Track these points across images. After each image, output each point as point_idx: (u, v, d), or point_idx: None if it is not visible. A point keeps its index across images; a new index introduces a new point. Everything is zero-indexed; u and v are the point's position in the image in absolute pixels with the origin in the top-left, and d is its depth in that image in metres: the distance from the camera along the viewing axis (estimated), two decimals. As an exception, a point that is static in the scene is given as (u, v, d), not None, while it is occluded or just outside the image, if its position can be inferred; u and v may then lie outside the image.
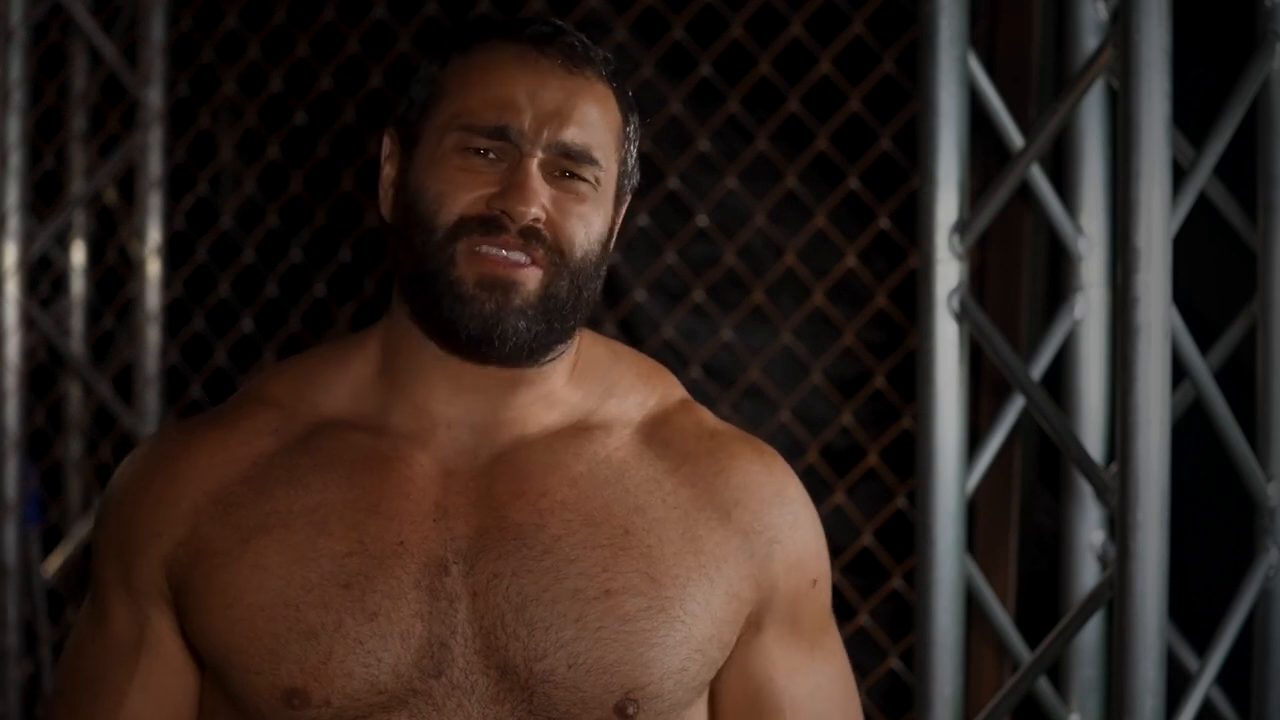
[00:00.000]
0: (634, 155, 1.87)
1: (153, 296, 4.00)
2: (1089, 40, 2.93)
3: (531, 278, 1.75)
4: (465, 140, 1.76)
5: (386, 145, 1.83)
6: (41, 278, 4.18)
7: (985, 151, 3.06)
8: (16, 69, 3.90)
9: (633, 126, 1.86)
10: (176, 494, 1.81)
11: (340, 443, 1.81)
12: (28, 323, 3.93)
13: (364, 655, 1.75)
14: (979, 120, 2.85)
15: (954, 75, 2.76)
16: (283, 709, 1.75)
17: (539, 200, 1.74)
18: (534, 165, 1.76)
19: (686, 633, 1.79)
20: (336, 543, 1.77)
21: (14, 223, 3.89)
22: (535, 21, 1.84)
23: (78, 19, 3.99)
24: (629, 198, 1.88)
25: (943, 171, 2.77)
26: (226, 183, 4.03)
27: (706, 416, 1.89)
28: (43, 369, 4.14)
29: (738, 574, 1.82)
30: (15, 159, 3.90)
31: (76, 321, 4.16)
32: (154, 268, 4.00)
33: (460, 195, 1.75)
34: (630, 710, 1.77)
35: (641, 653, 1.77)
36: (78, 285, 4.16)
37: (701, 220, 3.42)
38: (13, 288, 3.90)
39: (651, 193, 3.46)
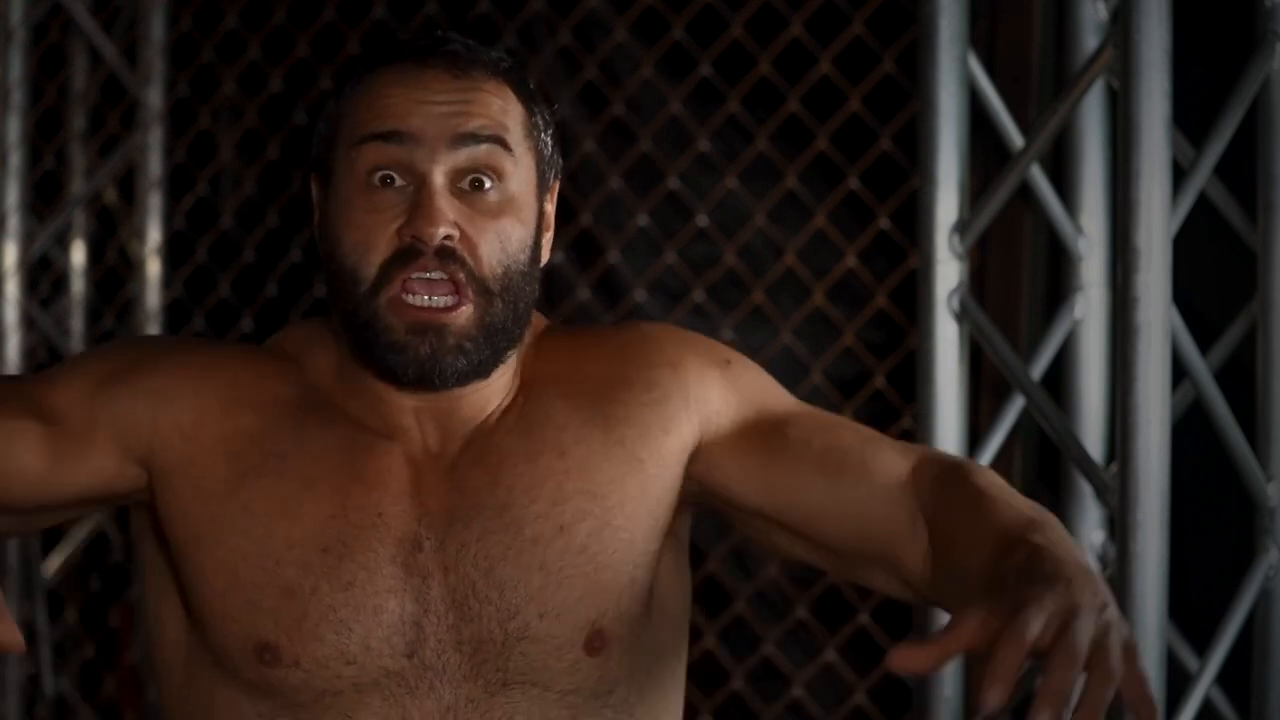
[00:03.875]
0: (550, 143, 1.85)
1: (153, 296, 4.00)
2: (1089, 40, 2.93)
3: (461, 315, 1.76)
4: (364, 157, 1.77)
5: (313, 190, 1.85)
6: (41, 278, 4.18)
7: (985, 151, 3.06)
8: (16, 69, 3.90)
9: (539, 116, 1.84)
10: (201, 379, 1.82)
11: (338, 412, 1.84)
12: (28, 323, 3.93)
13: (335, 623, 1.77)
14: (979, 120, 2.85)
15: (954, 75, 2.77)
16: (254, 663, 1.78)
17: (446, 218, 1.75)
18: (437, 180, 1.76)
19: (629, 539, 1.82)
20: (322, 503, 1.79)
21: (14, 223, 3.90)
22: (418, 38, 1.84)
23: (78, 19, 3.99)
24: (556, 184, 1.87)
25: (943, 171, 2.77)
26: (226, 183, 4.03)
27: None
28: (42, 369, 4.14)
29: (661, 428, 1.86)
30: (15, 159, 3.90)
31: (76, 321, 4.16)
32: (154, 268, 4.00)
33: (374, 240, 1.76)
34: (597, 644, 1.81)
35: (596, 578, 1.80)
36: (78, 285, 4.16)
37: (701, 220, 3.43)
38: (13, 288, 3.90)
39: (651, 193, 3.46)
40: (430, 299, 1.76)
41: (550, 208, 1.86)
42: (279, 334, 1.93)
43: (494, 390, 1.85)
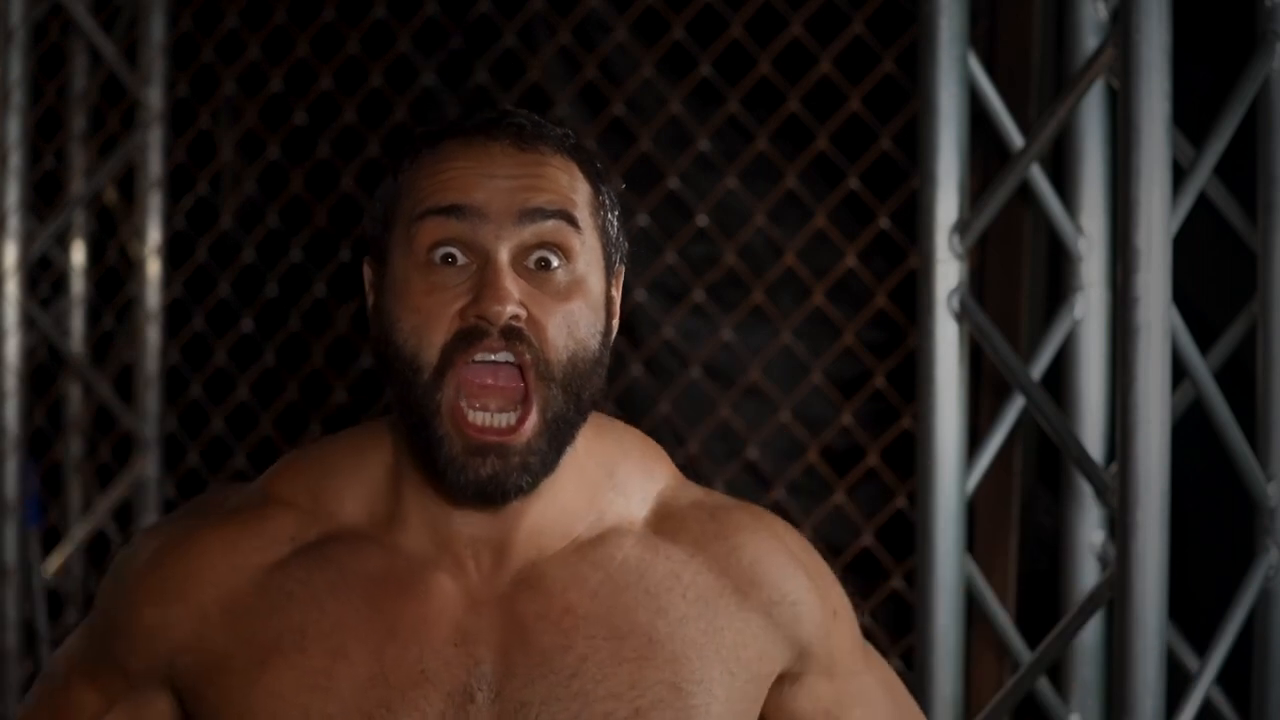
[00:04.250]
0: (615, 224, 1.76)
1: (153, 296, 4.00)
2: (1089, 40, 2.93)
3: (525, 431, 1.66)
4: (424, 233, 1.67)
5: (366, 274, 1.76)
6: (41, 278, 4.18)
7: (985, 151, 3.06)
8: (16, 69, 3.90)
9: (606, 195, 1.75)
10: (184, 596, 1.74)
11: (357, 557, 1.74)
12: (28, 323, 3.93)
13: None
14: (979, 120, 2.85)
15: (954, 75, 2.76)
16: None
17: (512, 297, 1.65)
18: (503, 257, 1.66)
19: None
20: (356, 669, 1.70)
21: (14, 223, 3.89)
22: (480, 113, 1.74)
23: (78, 19, 3.99)
24: (623, 269, 1.78)
25: (943, 171, 2.77)
26: (226, 183, 4.03)
27: (699, 493, 1.85)
28: (43, 369, 4.14)
29: (762, 651, 1.79)
30: (15, 159, 3.90)
31: (76, 321, 4.16)
32: (154, 268, 4.00)
33: (435, 324, 1.66)
34: None
35: None
36: (78, 285, 4.16)
37: (701, 220, 3.42)
38: (13, 288, 3.90)
39: (651, 193, 3.46)
40: (493, 418, 1.66)
41: (616, 294, 1.76)
42: (283, 471, 1.79)
43: (560, 511, 1.75)
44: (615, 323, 1.76)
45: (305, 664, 1.70)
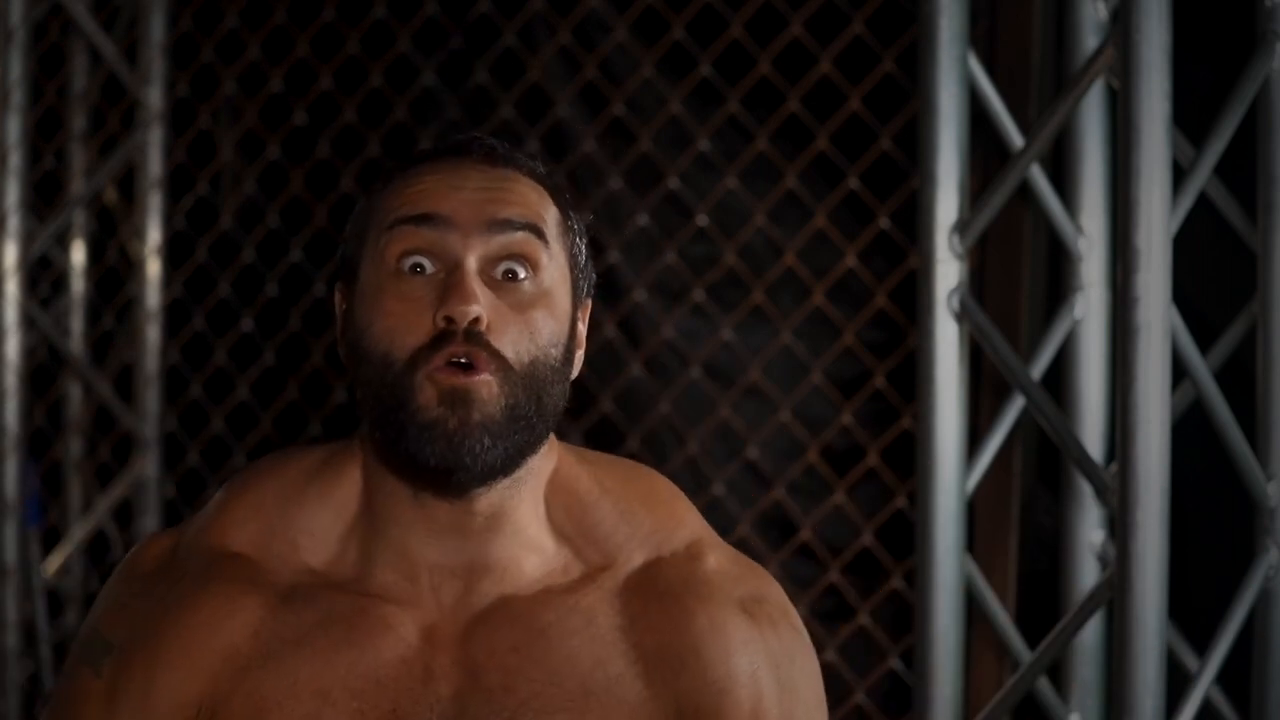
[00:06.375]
0: (584, 251, 1.78)
1: (153, 296, 4.00)
2: (1089, 40, 2.93)
3: (485, 387, 1.67)
4: (395, 242, 1.70)
5: (337, 298, 1.80)
6: (41, 278, 4.18)
7: (985, 151, 3.06)
8: (16, 69, 3.90)
9: (575, 222, 1.78)
10: (191, 664, 1.75)
11: (334, 597, 1.76)
12: (28, 323, 3.93)
13: None
14: (979, 120, 2.85)
15: (954, 75, 2.77)
16: None
17: (477, 299, 1.67)
18: (471, 264, 1.69)
19: None
20: (339, 713, 1.73)
21: (14, 223, 3.90)
22: (451, 138, 1.79)
23: (78, 19, 3.99)
24: (589, 300, 1.80)
25: (943, 171, 2.77)
26: (226, 183, 4.03)
27: (706, 562, 1.80)
28: (43, 369, 4.14)
29: (702, 713, 1.75)
30: (15, 159, 3.90)
31: (76, 321, 4.16)
32: (154, 268, 4.00)
33: (407, 326, 1.69)
34: None
35: None
36: (78, 285, 4.16)
37: (701, 220, 3.43)
38: (13, 288, 3.90)
39: (651, 193, 3.46)
40: (458, 360, 1.67)
41: (582, 326, 1.78)
42: (228, 513, 1.79)
43: (526, 543, 1.76)
44: (581, 354, 1.77)
45: (298, 710, 1.73)
